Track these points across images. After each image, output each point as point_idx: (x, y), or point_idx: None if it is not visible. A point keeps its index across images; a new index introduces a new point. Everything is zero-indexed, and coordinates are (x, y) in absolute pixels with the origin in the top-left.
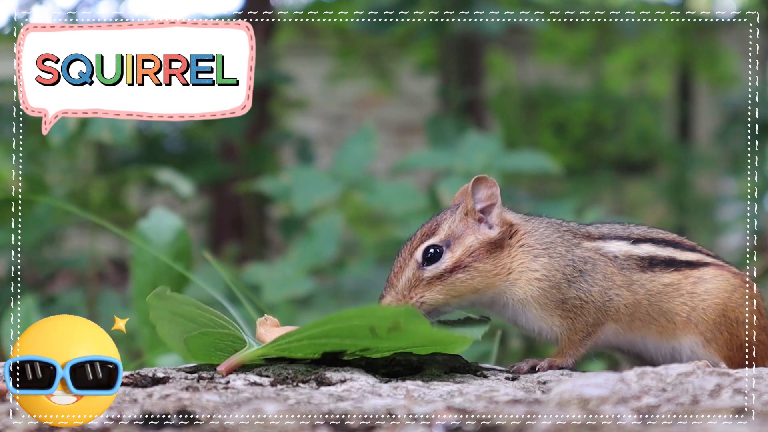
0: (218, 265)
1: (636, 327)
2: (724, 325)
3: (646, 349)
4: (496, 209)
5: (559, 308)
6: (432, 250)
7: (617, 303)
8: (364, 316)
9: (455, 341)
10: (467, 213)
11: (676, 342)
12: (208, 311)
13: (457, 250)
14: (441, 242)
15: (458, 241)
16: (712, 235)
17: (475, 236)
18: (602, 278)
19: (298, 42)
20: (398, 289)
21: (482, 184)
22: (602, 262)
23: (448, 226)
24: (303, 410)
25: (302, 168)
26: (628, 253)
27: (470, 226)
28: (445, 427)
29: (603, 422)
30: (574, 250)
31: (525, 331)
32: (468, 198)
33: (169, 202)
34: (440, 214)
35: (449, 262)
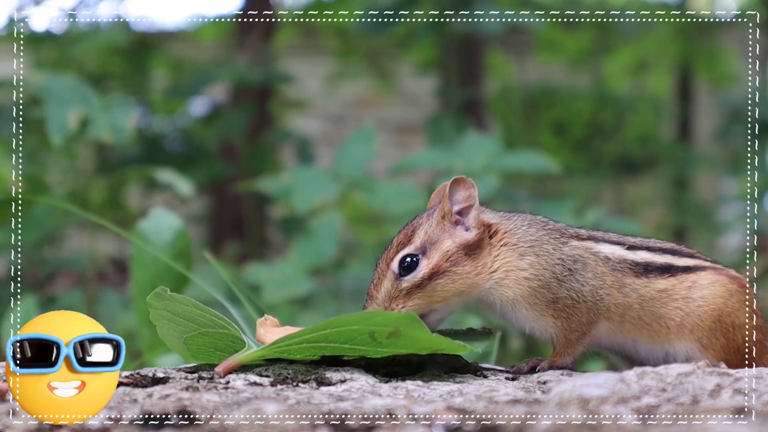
0: (218, 265)
1: (626, 329)
2: (720, 330)
3: (637, 352)
4: (473, 211)
5: (551, 308)
6: (408, 260)
7: (608, 302)
8: (363, 322)
9: (454, 348)
10: (444, 216)
11: (670, 347)
12: (207, 311)
13: (434, 256)
14: (417, 250)
15: (435, 246)
16: (712, 235)
17: (452, 240)
18: (593, 277)
19: (298, 42)
20: (379, 301)
21: (460, 186)
22: (593, 261)
23: (423, 232)
24: (303, 410)
25: (302, 168)
26: (622, 257)
27: (447, 229)
28: (445, 427)
29: (603, 422)
30: (562, 248)
31: (516, 328)
32: (445, 200)
33: (169, 202)
34: (416, 218)
35: (426, 270)
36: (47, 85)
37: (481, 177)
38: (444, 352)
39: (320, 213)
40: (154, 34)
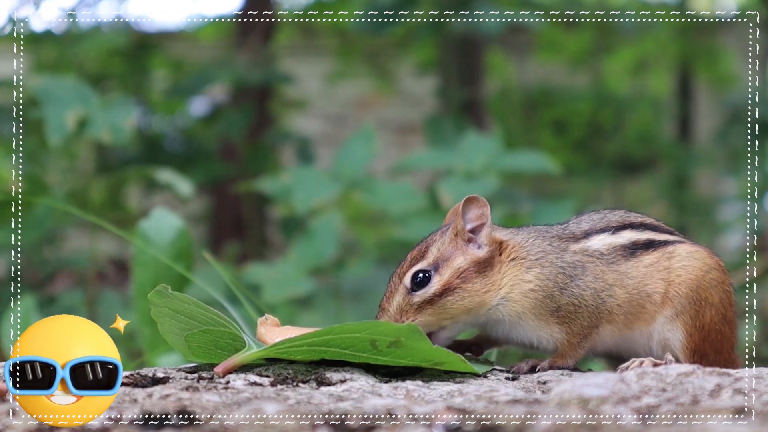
0: (218, 265)
1: (629, 321)
2: (694, 300)
3: (633, 342)
4: (485, 229)
5: (554, 316)
6: (420, 275)
7: (610, 304)
8: (365, 330)
9: (454, 363)
10: (457, 234)
11: (654, 323)
12: (208, 310)
13: (446, 272)
14: (429, 266)
15: (447, 263)
16: (712, 235)
17: (464, 257)
18: (593, 280)
19: (298, 42)
20: (390, 314)
21: (473, 204)
22: (591, 263)
23: (437, 249)
24: (303, 410)
25: (302, 168)
26: (612, 245)
27: (459, 247)
28: (445, 427)
29: (603, 422)
30: (563, 256)
31: (518, 346)
32: (458, 218)
33: (169, 202)
34: (431, 235)
35: (437, 286)
36: (46, 86)
37: (480, 177)
38: (444, 367)
39: (320, 213)
40: (154, 34)
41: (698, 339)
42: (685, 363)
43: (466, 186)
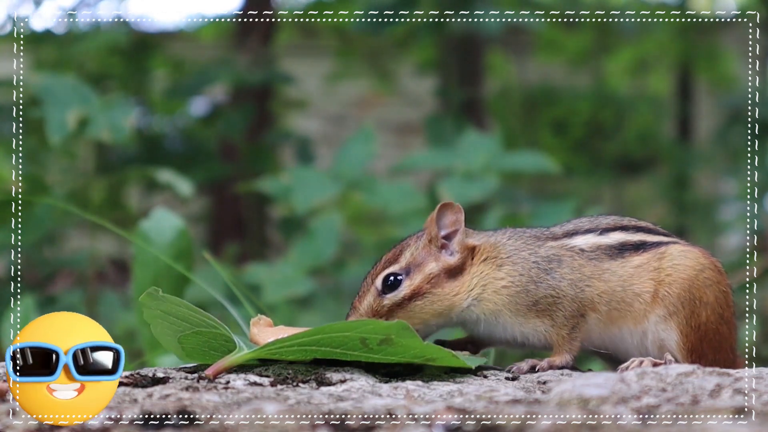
0: (218, 265)
1: (614, 317)
2: (687, 300)
3: (623, 341)
4: (458, 235)
5: (533, 310)
6: (391, 278)
7: (590, 294)
8: (355, 329)
9: (446, 359)
10: (430, 240)
11: (646, 322)
12: (199, 312)
13: (417, 278)
14: (401, 270)
15: (418, 268)
16: (712, 235)
17: (435, 263)
18: (570, 271)
19: (298, 42)
20: (360, 313)
21: (447, 211)
22: (568, 256)
23: (410, 253)
24: (303, 410)
25: (302, 168)
26: (596, 244)
27: (432, 253)
28: (445, 427)
29: (603, 422)
30: (538, 251)
31: (507, 345)
32: (432, 225)
33: (169, 202)
34: (406, 239)
35: (407, 290)
36: (46, 86)
37: (480, 177)
38: (436, 362)
39: (320, 213)
40: (154, 34)
41: (695, 339)
42: (684, 363)
43: (466, 186)
